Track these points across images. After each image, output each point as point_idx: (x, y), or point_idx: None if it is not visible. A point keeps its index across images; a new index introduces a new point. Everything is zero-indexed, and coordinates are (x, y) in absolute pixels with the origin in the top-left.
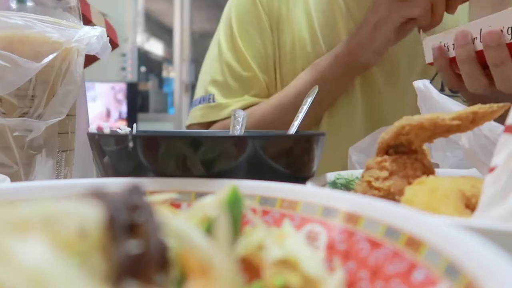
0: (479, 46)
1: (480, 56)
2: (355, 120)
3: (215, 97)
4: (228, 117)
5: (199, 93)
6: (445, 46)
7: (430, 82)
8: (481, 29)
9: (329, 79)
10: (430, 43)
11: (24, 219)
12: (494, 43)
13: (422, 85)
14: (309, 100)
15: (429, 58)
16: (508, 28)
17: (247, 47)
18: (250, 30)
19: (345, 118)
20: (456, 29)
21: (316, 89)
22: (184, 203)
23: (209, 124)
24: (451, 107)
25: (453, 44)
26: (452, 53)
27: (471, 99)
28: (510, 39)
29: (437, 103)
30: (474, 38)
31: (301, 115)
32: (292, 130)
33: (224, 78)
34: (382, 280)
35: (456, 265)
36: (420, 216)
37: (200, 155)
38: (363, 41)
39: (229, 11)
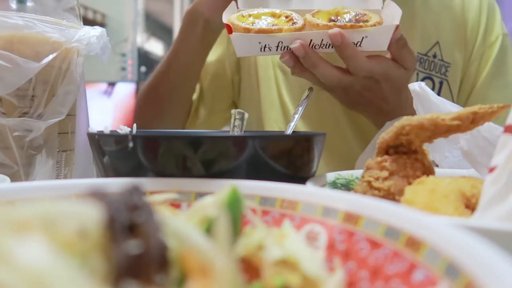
0: None
1: None
2: (340, 120)
3: None
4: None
5: None
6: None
7: None
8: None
9: (179, 38)
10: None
11: (24, 219)
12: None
13: (418, 87)
14: (304, 102)
15: None
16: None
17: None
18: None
19: (332, 117)
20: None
21: (312, 90)
22: (184, 203)
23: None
24: (448, 108)
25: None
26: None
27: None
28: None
29: (434, 105)
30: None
31: (296, 116)
32: (289, 130)
33: None
34: (382, 280)
35: (456, 265)
36: (420, 216)
37: (200, 155)
38: None
39: None
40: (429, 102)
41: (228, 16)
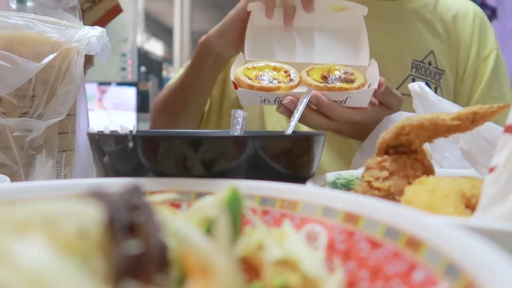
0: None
1: None
2: None
3: None
4: None
5: None
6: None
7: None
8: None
9: (192, 64)
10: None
11: (24, 219)
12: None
13: (418, 87)
14: (304, 101)
15: None
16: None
17: None
18: None
19: None
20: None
21: (310, 91)
22: (184, 203)
23: None
24: (448, 108)
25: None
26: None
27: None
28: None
29: (434, 104)
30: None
31: (297, 115)
32: (289, 130)
33: None
34: (382, 280)
35: (456, 265)
36: (420, 216)
37: (200, 155)
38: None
39: None
40: (429, 102)
41: (236, 67)
